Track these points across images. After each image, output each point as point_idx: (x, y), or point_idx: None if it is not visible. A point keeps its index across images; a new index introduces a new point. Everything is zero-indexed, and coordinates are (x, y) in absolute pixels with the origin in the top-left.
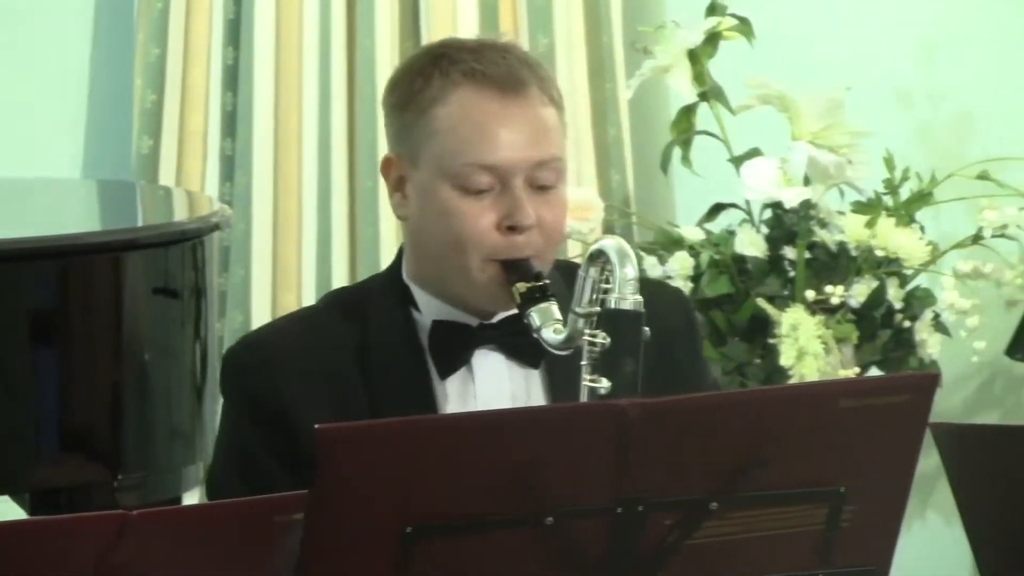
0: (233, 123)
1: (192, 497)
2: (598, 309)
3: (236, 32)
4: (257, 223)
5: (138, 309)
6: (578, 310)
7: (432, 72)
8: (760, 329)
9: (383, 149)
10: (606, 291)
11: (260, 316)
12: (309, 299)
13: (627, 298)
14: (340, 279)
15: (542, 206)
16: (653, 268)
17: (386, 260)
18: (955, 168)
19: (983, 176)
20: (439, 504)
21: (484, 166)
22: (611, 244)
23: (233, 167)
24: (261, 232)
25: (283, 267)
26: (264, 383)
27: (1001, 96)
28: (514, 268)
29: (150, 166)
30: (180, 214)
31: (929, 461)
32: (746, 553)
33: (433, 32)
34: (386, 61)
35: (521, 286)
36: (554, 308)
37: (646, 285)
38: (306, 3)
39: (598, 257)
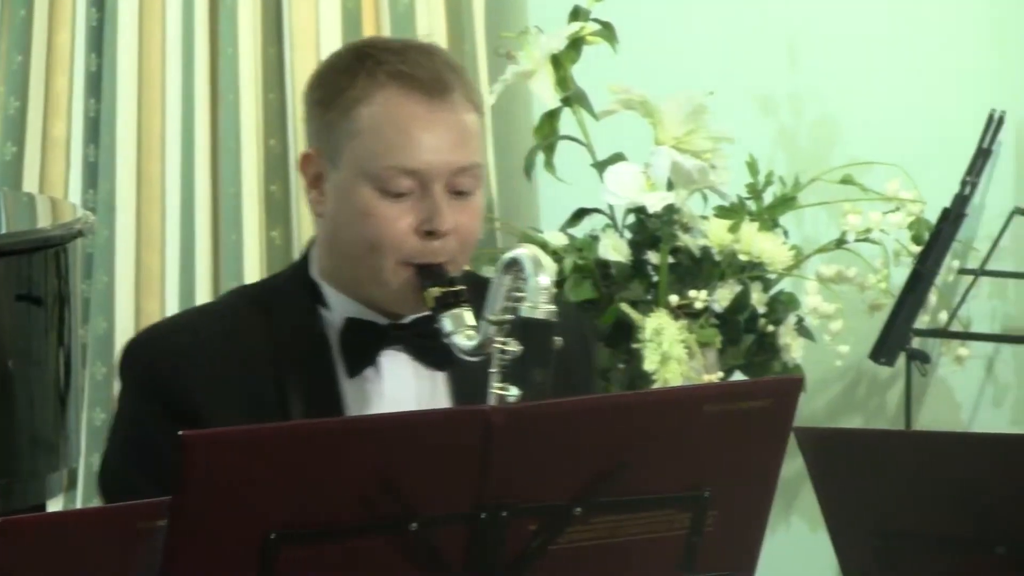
0: (96, 130)
1: (56, 504)
2: (510, 317)
3: (99, 39)
4: (120, 230)
5: (1, 316)
6: (490, 317)
7: (358, 71)
8: (623, 334)
9: (247, 155)
10: (519, 299)
11: (124, 323)
12: (172, 306)
13: (539, 307)
14: (203, 286)
15: (459, 212)
16: (549, 276)
17: (250, 267)
18: (818, 172)
19: (846, 180)
20: (303, 510)
21: (406, 170)
22: (525, 253)
23: (96, 174)
24: (124, 239)
25: (146, 274)
26: (173, 378)
27: (864, 100)
28: (429, 272)
29: (13, 173)
30: (43, 221)
31: (793, 465)
32: (610, 558)
33: (296, 39)
34: (248, 67)
35: (435, 291)
36: (467, 314)
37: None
38: (169, 10)
39: (512, 265)
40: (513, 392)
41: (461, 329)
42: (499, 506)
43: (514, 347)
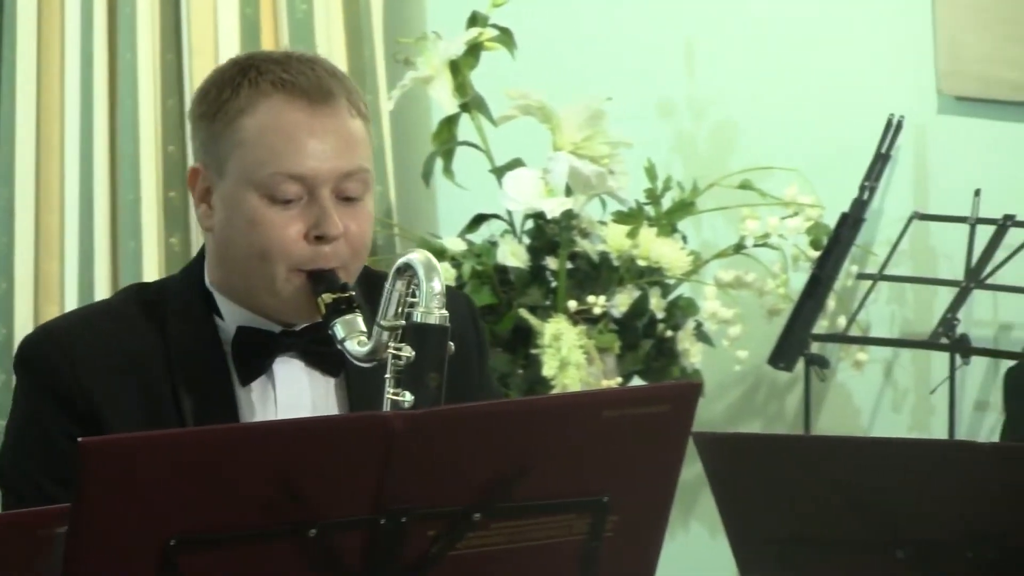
0: None
1: None
2: (403, 323)
3: None
4: (19, 235)
5: None
6: (383, 323)
7: (240, 82)
8: (522, 340)
9: (146, 161)
10: (412, 305)
11: (23, 329)
12: None
13: (433, 312)
14: (102, 292)
15: (349, 217)
16: (443, 281)
17: (148, 273)
18: (716, 178)
19: (744, 186)
20: (203, 516)
21: (292, 176)
22: (418, 258)
23: None
24: (23, 245)
25: (45, 280)
26: (72, 377)
27: (762, 105)
28: (320, 279)
29: None
30: None
31: (692, 470)
32: (510, 563)
33: (194, 45)
34: (148, 74)
35: (327, 297)
36: (359, 320)
37: None
38: (68, 15)
39: (405, 271)
40: (408, 397)
41: (353, 335)
42: (399, 511)
43: (408, 352)
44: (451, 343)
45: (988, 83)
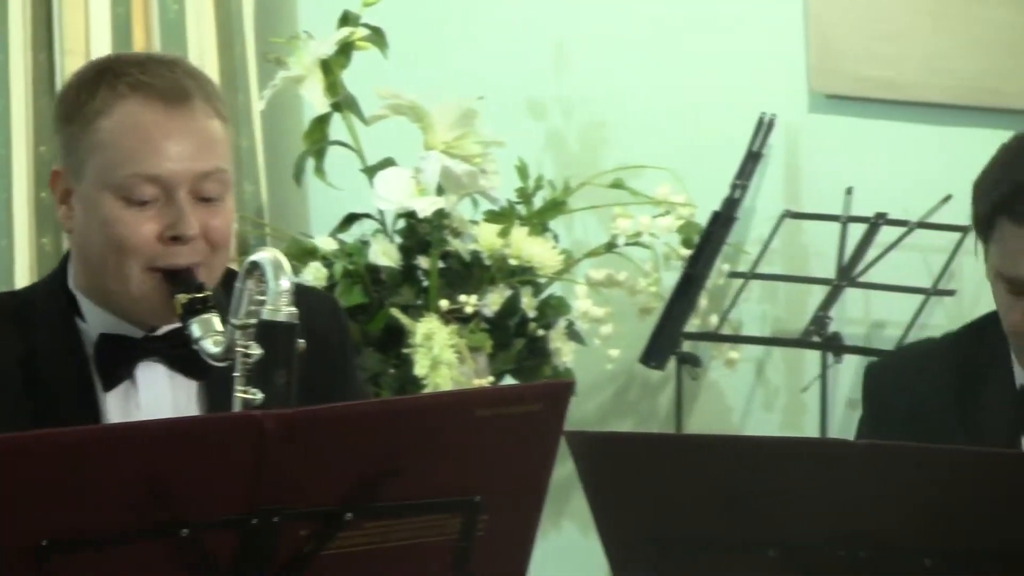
0: None
1: None
2: (253, 321)
3: None
4: None
5: None
6: (234, 322)
7: (98, 84)
8: (394, 339)
9: (17, 161)
10: (261, 303)
11: None
12: None
13: (281, 310)
14: None
15: (207, 217)
16: (291, 279)
17: (20, 273)
18: (588, 177)
19: (616, 184)
20: (74, 518)
21: (148, 177)
22: (266, 257)
23: None
24: None
25: None
26: None
27: (633, 104)
28: (176, 278)
29: None
30: None
31: (564, 469)
32: (382, 563)
33: (66, 45)
34: (19, 73)
35: (182, 297)
36: (215, 320)
37: (300, 293)
38: None
39: (254, 269)
40: (257, 396)
41: (209, 334)
42: (271, 511)
43: (256, 351)
44: (301, 340)
45: (859, 81)
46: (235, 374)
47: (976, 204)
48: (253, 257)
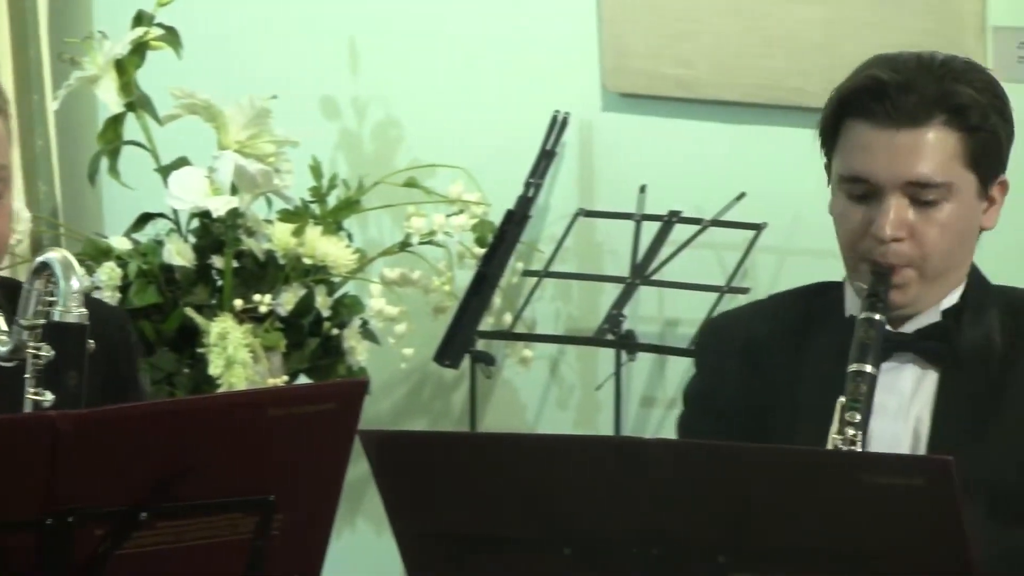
0: None
1: None
2: (43, 322)
3: None
4: None
5: None
6: (23, 322)
7: None
8: (189, 339)
9: None
10: (51, 304)
11: None
12: None
13: (72, 311)
14: None
15: None
16: (81, 279)
17: None
18: (382, 176)
19: (410, 183)
20: None
21: None
22: (56, 257)
23: None
24: None
25: None
26: None
27: (427, 103)
28: None
29: None
30: None
31: (358, 468)
32: (178, 562)
33: None
34: None
35: None
36: None
37: (91, 303)
38: None
39: (43, 270)
40: (48, 397)
41: None
42: (66, 512)
43: (47, 352)
44: (91, 341)
45: (653, 80)
46: (25, 375)
47: (823, 117)
48: (42, 257)
